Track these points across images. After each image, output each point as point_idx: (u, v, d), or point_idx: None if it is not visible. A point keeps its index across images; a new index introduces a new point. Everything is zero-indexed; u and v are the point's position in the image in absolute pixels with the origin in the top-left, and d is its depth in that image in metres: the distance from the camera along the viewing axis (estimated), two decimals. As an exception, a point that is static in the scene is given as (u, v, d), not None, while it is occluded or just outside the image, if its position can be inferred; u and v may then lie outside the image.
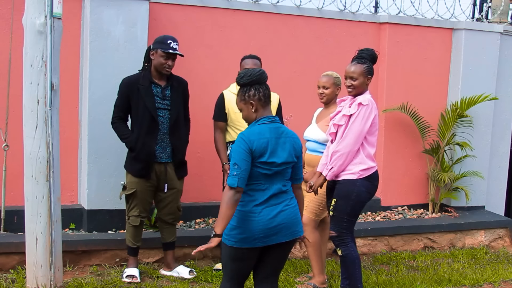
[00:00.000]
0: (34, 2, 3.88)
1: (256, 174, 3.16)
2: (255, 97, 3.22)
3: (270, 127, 3.22)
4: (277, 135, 3.22)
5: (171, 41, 4.49)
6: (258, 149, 3.13)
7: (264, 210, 3.17)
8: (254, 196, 3.18)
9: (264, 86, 3.25)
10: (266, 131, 3.19)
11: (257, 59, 4.80)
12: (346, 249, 4.15)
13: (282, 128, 3.28)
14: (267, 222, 3.16)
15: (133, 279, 4.58)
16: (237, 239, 3.16)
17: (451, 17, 6.60)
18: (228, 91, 4.82)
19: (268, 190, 3.19)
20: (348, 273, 4.19)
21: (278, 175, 3.23)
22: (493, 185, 6.94)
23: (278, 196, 3.22)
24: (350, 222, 4.17)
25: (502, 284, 5.15)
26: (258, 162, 3.14)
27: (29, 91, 3.98)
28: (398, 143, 6.47)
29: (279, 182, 3.24)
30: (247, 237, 3.15)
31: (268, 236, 3.18)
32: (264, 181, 3.18)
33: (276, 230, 3.19)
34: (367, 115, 4.08)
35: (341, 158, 4.07)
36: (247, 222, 3.15)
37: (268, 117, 3.25)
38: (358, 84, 4.12)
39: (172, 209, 4.71)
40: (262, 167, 3.15)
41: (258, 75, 3.22)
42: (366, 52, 4.18)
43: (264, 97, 3.24)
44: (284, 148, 3.23)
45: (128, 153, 4.61)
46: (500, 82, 6.76)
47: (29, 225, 4.08)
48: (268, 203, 3.18)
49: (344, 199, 4.11)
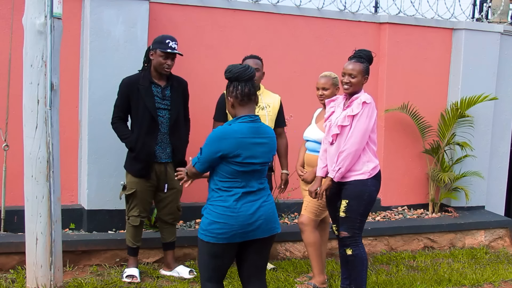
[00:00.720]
0: (34, 2, 3.88)
1: (233, 171, 3.17)
2: (232, 94, 3.23)
3: (249, 126, 3.20)
4: (255, 135, 3.21)
5: (170, 40, 4.49)
6: (231, 148, 3.13)
7: (244, 206, 3.18)
8: (232, 191, 3.18)
9: (245, 84, 3.21)
10: (244, 131, 3.18)
11: (258, 59, 4.81)
12: (357, 249, 4.16)
13: (262, 128, 3.27)
14: (246, 217, 3.17)
15: (133, 279, 4.58)
16: (215, 234, 3.15)
17: (451, 17, 6.60)
18: None
19: (246, 187, 3.20)
20: (355, 273, 4.19)
21: (255, 173, 3.24)
22: (493, 185, 6.94)
23: (256, 193, 3.24)
24: (362, 222, 4.19)
25: (502, 284, 5.15)
26: (234, 161, 3.15)
27: (29, 91, 3.98)
28: (398, 143, 6.47)
29: (256, 180, 3.25)
30: (226, 232, 3.15)
31: (247, 232, 3.19)
32: (241, 178, 3.19)
33: (255, 226, 3.20)
34: (371, 113, 4.09)
35: (348, 157, 4.07)
36: (226, 217, 3.15)
37: (250, 116, 3.23)
38: (356, 82, 4.12)
39: (172, 209, 4.71)
40: (239, 165, 3.16)
41: (238, 72, 3.21)
42: (364, 53, 4.18)
43: (242, 95, 3.21)
44: (262, 148, 3.23)
45: (128, 153, 4.61)
46: (500, 82, 6.76)
47: (29, 225, 4.08)
48: (246, 199, 3.20)
49: (356, 199, 4.11)
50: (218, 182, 3.21)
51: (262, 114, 4.79)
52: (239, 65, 3.27)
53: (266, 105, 4.84)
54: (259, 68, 4.82)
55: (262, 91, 4.91)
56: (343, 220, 4.16)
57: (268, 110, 4.83)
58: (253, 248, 3.29)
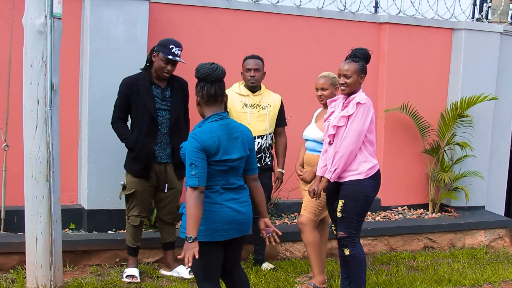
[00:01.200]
0: (34, 2, 3.88)
1: (212, 171, 3.18)
2: (199, 93, 3.25)
3: (220, 124, 3.23)
4: (228, 131, 3.23)
5: (174, 46, 4.47)
6: (211, 148, 3.15)
7: (226, 202, 3.21)
8: (213, 188, 3.20)
9: (211, 85, 3.22)
10: (217, 129, 3.20)
11: (259, 59, 4.82)
12: (354, 249, 4.16)
13: (232, 123, 3.30)
14: (228, 215, 3.20)
15: (133, 279, 4.58)
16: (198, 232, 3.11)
17: (451, 17, 6.60)
18: (231, 90, 4.83)
19: (226, 185, 3.23)
20: (354, 273, 4.19)
21: (233, 171, 3.26)
22: (493, 185, 6.94)
23: (237, 191, 3.28)
24: (359, 222, 4.19)
25: (502, 284, 5.15)
26: (212, 161, 3.16)
27: (29, 91, 3.98)
28: (398, 143, 6.47)
29: (234, 177, 3.28)
30: (207, 229, 3.16)
31: (227, 230, 3.21)
32: (221, 177, 3.22)
33: (235, 224, 3.23)
34: (366, 114, 4.08)
35: (343, 158, 4.07)
36: (208, 213, 3.16)
37: (218, 113, 3.26)
38: (352, 82, 4.11)
39: (171, 209, 4.71)
40: (217, 165, 3.18)
41: (205, 73, 3.22)
42: (360, 51, 4.18)
43: (207, 96, 3.23)
44: (236, 143, 3.25)
45: (128, 153, 4.61)
46: (500, 82, 6.76)
47: (29, 225, 4.08)
48: (228, 195, 3.23)
49: (353, 200, 4.11)
50: None
51: (263, 114, 4.80)
52: (209, 64, 3.27)
53: (267, 104, 4.85)
54: (260, 68, 4.83)
55: (263, 91, 4.92)
56: (340, 220, 4.17)
57: (269, 109, 4.85)
58: (231, 248, 3.34)
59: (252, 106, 4.82)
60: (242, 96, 4.83)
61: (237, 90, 4.83)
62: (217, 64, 3.29)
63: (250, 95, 4.84)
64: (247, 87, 4.86)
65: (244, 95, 4.84)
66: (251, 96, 4.84)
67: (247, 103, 4.81)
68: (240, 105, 4.80)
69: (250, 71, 4.80)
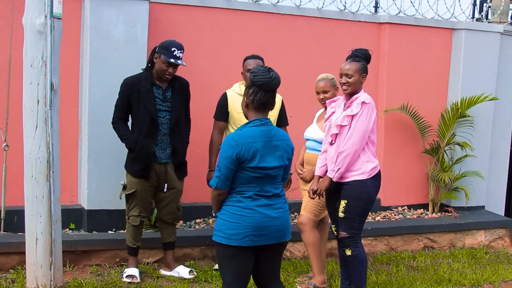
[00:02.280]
0: (34, 2, 3.88)
1: (246, 177, 3.14)
2: (250, 97, 3.20)
3: (261, 129, 3.18)
4: (268, 138, 3.18)
5: (176, 48, 4.45)
6: (246, 154, 3.10)
7: (259, 208, 3.16)
8: (247, 194, 3.16)
9: (265, 94, 3.17)
10: (256, 134, 3.16)
11: (260, 59, 4.81)
12: (356, 250, 4.15)
13: (274, 130, 3.24)
14: (261, 220, 3.15)
15: (133, 279, 4.58)
16: (227, 235, 3.13)
17: (451, 17, 6.60)
18: (232, 90, 4.82)
19: (261, 191, 3.18)
20: (355, 273, 4.18)
21: (269, 178, 3.20)
22: (493, 185, 6.94)
23: (271, 198, 3.22)
24: (361, 222, 4.18)
25: (502, 284, 5.15)
26: (248, 167, 3.12)
27: (29, 91, 3.98)
28: (398, 143, 6.47)
29: (270, 185, 3.22)
30: (237, 233, 3.12)
31: (259, 236, 3.16)
32: (256, 184, 3.17)
33: (267, 231, 3.17)
34: (370, 113, 4.08)
35: (347, 158, 4.06)
36: (240, 218, 3.13)
37: (260, 119, 3.20)
38: (353, 82, 4.11)
39: (172, 209, 4.71)
40: (252, 171, 3.13)
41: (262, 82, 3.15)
42: (361, 52, 4.18)
43: (258, 103, 3.18)
44: (276, 151, 3.20)
45: (128, 153, 4.61)
46: (500, 82, 6.76)
47: (29, 225, 4.08)
48: (262, 202, 3.17)
49: (355, 200, 4.10)
50: (233, 186, 3.19)
51: None
52: (266, 72, 3.18)
53: None
54: None
55: None
56: (342, 220, 4.16)
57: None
58: (266, 256, 3.26)
59: None
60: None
61: (238, 91, 4.82)
62: (274, 71, 3.21)
63: None
64: None
65: None
66: None
67: None
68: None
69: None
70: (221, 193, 3.18)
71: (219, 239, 3.17)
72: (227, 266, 3.20)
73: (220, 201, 3.21)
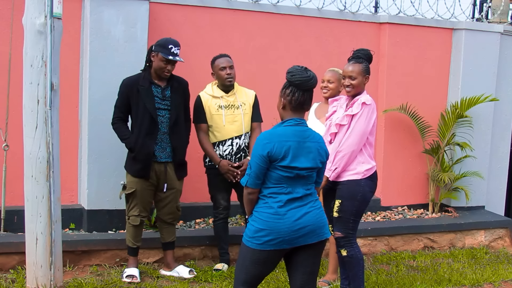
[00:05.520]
0: (34, 2, 3.88)
1: (278, 177, 3.12)
2: (287, 97, 3.17)
3: (295, 129, 3.15)
4: (301, 139, 3.14)
5: (173, 46, 4.46)
6: (278, 152, 3.07)
7: (289, 212, 3.12)
8: (277, 198, 3.13)
9: (303, 93, 3.14)
10: (289, 134, 3.13)
11: (229, 57, 4.83)
12: (351, 250, 4.15)
13: (308, 131, 3.20)
14: (292, 224, 3.11)
15: (133, 279, 4.58)
16: (263, 242, 3.10)
17: (451, 17, 6.60)
18: (204, 92, 4.85)
19: (291, 193, 3.14)
20: (352, 274, 4.18)
21: (301, 179, 3.16)
22: (493, 185, 6.94)
23: (302, 199, 3.17)
24: (356, 222, 4.18)
25: (502, 284, 5.15)
26: (279, 165, 3.10)
27: (29, 91, 3.97)
28: (398, 143, 6.46)
29: (302, 186, 3.18)
30: (273, 239, 3.09)
31: (294, 238, 3.12)
32: (287, 184, 3.13)
33: (302, 232, 3.13)
34: (370, 115, 4.09)
35: (345, 158, 4.07)
36: (272, 224, 3.10)
37: (295, 119, 3.17)
38: (357, 83, 4.12)
39: (171, 209, 4.71)
40: (283, 170, 3.11)
41: (300, 80, 3.13)
42: (362, 52, 4.18)
43: (296, 103, 3.15)
44: (308, 153, 3.16)
45: (128, 153, 4.61)
46: (500, 82, 6.76)
47: (29, 225, 4.08)
48: (292, 205, 3.13)
49: (350, 200, 4.10)
50: (263, 189, 3.16)
51: (238, 114, 4.80)
52: (304, 71, 3.16)
53: (241, 103, 4.84)
54: (233, 65, 4.81)
55: (236, 89, 4.88)
56: (337, 220, 4.17)
57: (243, 108, 4.83)
58: (304, 255, 3.21)
59: (227, 107, 4.79)
60: (216, 98, 4.81)
61: (210, 92, 4.81)
62: (310, 71, 3.18)
63: (224, 96, 4.81)
64: (221, 87, 4.84)
65: (217, 96, 4.81)
66: (224, 97, 4.81)
67: (221, 105, 4.79)
68: (215, 107, 4.78)
69: (226, 69, 4.76)
70: (251, 192, 3.15)
71: (254, 245, 3.12)
72: (249, 268, 3.16)
73: (252, 202, 3.17)
